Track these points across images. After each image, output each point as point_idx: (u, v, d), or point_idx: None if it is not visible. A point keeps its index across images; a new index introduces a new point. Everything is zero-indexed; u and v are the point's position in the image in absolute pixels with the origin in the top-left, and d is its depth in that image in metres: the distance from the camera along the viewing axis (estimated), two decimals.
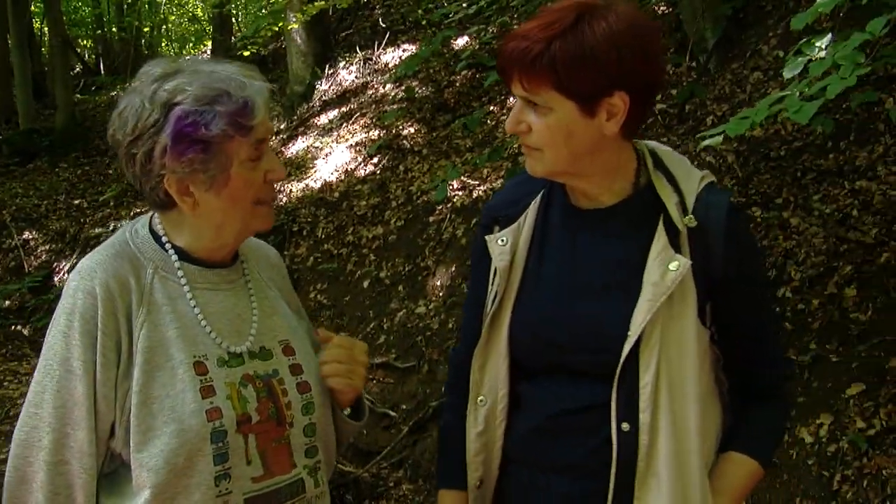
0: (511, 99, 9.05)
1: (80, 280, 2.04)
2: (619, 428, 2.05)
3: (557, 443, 2.14)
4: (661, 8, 8.76)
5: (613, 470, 2.05)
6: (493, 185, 8.21)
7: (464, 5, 6.81)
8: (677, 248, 2.04)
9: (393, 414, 7.16)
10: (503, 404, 2.23)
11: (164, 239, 2.14)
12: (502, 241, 2.23)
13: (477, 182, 8.52)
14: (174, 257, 2.12)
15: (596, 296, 2.11)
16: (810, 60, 2.70)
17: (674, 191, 2.09)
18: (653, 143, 2.21)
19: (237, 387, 2.06)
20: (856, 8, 2.78)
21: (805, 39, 2.84)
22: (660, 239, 2.05)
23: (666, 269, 2.01)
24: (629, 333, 2.02)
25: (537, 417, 2.18)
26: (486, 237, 2.27)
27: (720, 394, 2.24)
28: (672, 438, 2.03)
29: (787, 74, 2.85)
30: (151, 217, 2.20)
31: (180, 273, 2.11)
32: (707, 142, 2.98)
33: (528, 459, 2.21)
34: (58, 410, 1.99)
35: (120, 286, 2.04)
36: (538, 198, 2.26)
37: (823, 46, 2.71)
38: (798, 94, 2.70)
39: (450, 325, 7.40)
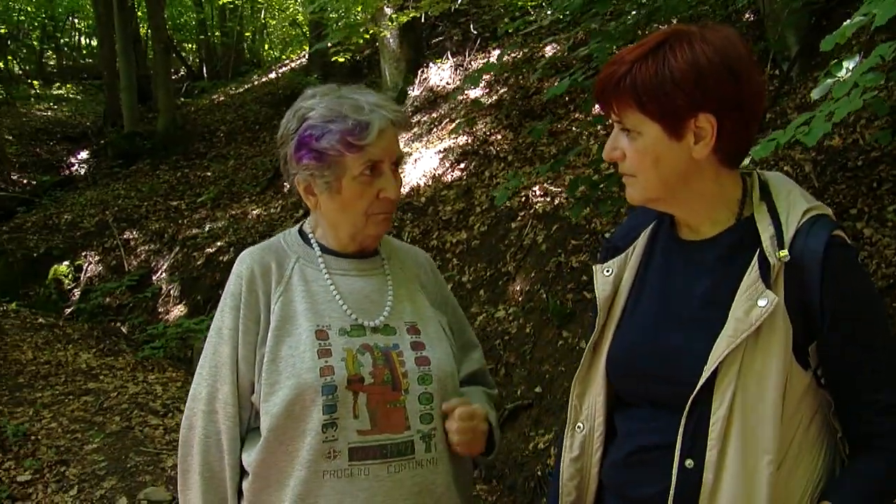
0: (595, 107, 9.09)
1: (235, 266, 2.56)
2: (681, 464, 2.03)
3: (638, 476, 2.15)
4: (748, 16, 8.73)
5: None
6: (576, 193, 8.25)
7: (546, 13, 6.90)
8: (770, 284, 1.98)
9: None
10: (600, 432, 2.27)
11: (310, 236, 2.60)
12: (607, 271, 2.29)
13: (559, 189, 8.59)
14: (317, 249, 2.57)
15: (682, 327, 2.11)
16: (837, 81, 2.73)
17: (771, 223, 2.03)
18: (769, 173, 2.15)
19: (354, 352, 2.42)
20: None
21: (835, 60, 2.87)
22: (752, 273, 2.00)
23: (753, 304, 1.97)
24: (704, 367, 1.99)
25: (623, 449, 2.21)
26: (594, 267, 2.33)
27: (831, 443, 2.14)
28: (738, 481, 1.98)
29: (814, 96, 2.88)
30: (302, 224, 2.66)
31: (320, 260, 2.55)
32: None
33: (616, 489, 2.24)
34: (212, 369, 2.49)
35: (263, 270, 2.52)
36: (648, 229, 2.29)
37: (850, 68, 2.74)
38: (825, 115, 2.73)
39: (527, 330, 7.48)
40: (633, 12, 5.81)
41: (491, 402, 2.68)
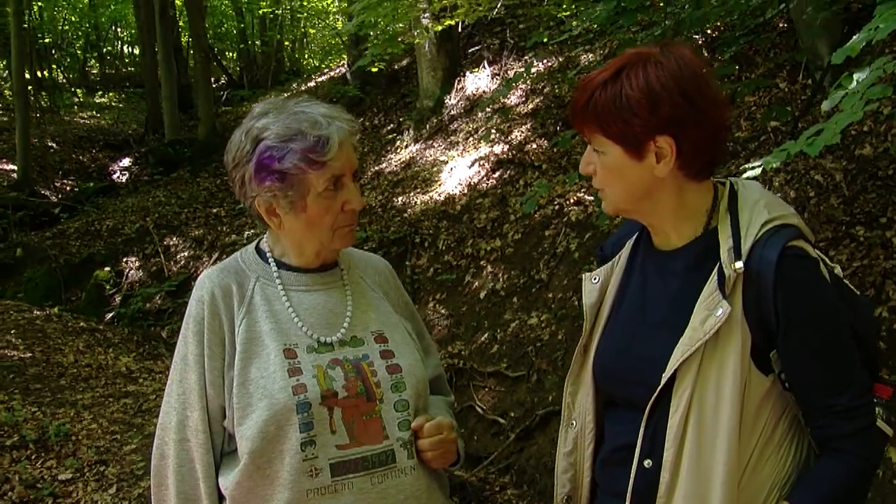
0: None
1: (195, 290, 2.51)
2: (640, 464, 2.16)
3: (613, 474, 2.27)
4: (782, 25, 8.74)
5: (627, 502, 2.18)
6: None
7: (574, 24, 6.98)
8: (726, 295, 2.06)
9: (502, 421, 7.34)
10: (590, 428, 2.38)
11: (268, 254, 2.56)
12: (594, 279, 2.40)
13: (592, 198, 8.64)
14: (273, 267, 2.53)
15: (652, 333, 2.20)
16: (846, 94, 2.79)
17: (731, 235, 2.11)
18: (742, 182, 2.23)
19: (324, 368, 2.40)
20: None
21: (846, 73, 2.93)
22: (710, 284, 2.09)
23: (709, 314, 2.06)
24: (663, 374, 2.10)
25: (605, 450, 2.34)
26: (583, 275, 2.44)
27: (804, 443, 2.20)
28: (694, 481, 2.08)
29: (824, 108, 2.95)
30: (259, 240, 2.62)
31: (277, 279, 2.51)
32: (747, 175, 3.08)
33: (603, 486, 2.36)
34: (180, 397, 2.45)
35: (224, 293, 2.48)
36: (633, 238, 2.38)
37: (860, 80, 2.80)
38: (835, 125, 2.79)
39: (559, 337, 7.55)
40: (665, 23, 5.88)
41: (450, 410, 2.71)
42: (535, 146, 10.86)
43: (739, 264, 2.05)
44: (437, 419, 2.49)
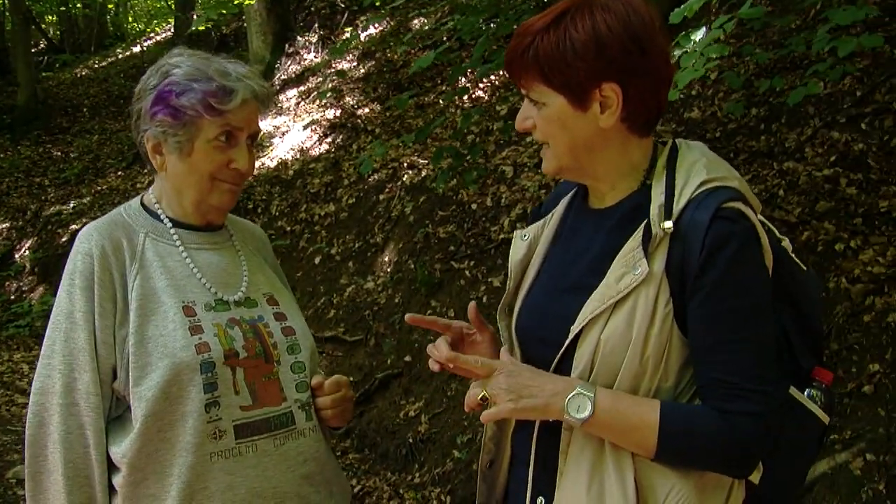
0: (462, 80, 9.23)
1: (79, 244, 2.38)
2: (541, 426, 2.08)
3: (520, 438, 2.21)
4: None
5: (532, 457, 2.11)
6: (441, 164, 8.39)
7: None
8: (648, 253, 1.93)
9: None
10: None
11: (157, 210, 2.47)
12: (524, 236, 2.27)
13: (426, 161, 8.70)
14: (168, 223, 2.46)
15: (568, 292, 2.08)
16: (685, 52, 2.87)
17: (664, 192, 1.98)
18: (688, 143, 2.10)
19: (223, 327, 2.36)
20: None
21: (683, 32, 3.01)
22: (633, 240, 1.96)
23: (626, 272, 1.94)
24: (570, 331, 2.00)
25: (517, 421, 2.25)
26: (516, 231, 2.33)
27: None
28: (591, 438, 1.98)
29: None
30: (143, 196, 2.53)
31: (175, 236, 2.44)
32: None
33: (514, 452, 2.26)
34: (66, 358, 2.30)
35: (114, 247, 2.36)
36: (568, 197, 2.27)
37: (697, 39, 2.88)
38: (674, 84, 2.85)
39: (396, 300, 7.59)
40: None
41: None
42: (367, 110, 10.87)
43: (669, 224, 1.92)
44: (336, 377, 2.51)
